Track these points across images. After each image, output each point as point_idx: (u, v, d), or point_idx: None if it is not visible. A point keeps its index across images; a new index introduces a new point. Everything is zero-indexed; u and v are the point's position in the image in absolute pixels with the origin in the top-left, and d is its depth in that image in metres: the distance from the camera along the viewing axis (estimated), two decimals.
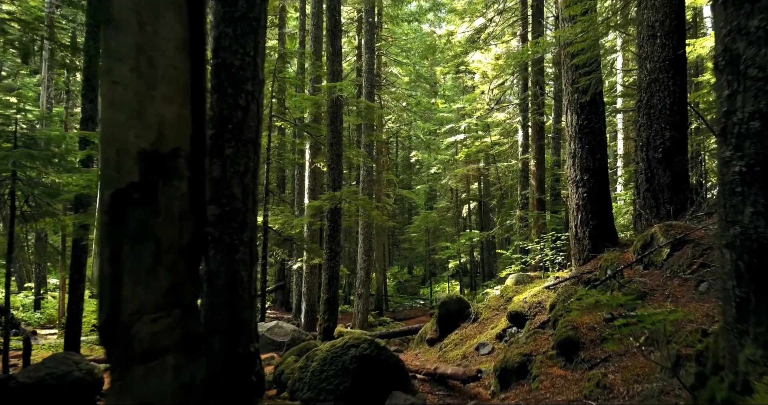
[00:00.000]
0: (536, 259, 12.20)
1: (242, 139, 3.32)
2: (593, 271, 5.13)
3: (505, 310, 6.47)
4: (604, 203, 5.61)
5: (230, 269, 3.29)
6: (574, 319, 3.64)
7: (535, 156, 14.54)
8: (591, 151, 5.57)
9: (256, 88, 3.41)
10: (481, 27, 17.56)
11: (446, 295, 6.95)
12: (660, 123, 7.79)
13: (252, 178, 3.38)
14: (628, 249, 5.35)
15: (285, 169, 22.01)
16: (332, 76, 9.78)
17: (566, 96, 5.74)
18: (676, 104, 7.67)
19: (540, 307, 5.00)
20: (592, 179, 5.56)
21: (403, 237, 32.51)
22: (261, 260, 11.67)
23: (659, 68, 7.85)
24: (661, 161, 7.67)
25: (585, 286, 4.91)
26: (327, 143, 9.89)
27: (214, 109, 3.32)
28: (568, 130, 5.76)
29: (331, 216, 9.75)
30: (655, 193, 7.71)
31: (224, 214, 3.28)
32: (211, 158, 3.32)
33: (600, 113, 5.64)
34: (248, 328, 3.40)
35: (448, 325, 6.98)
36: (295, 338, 8.72)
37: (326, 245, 9.76)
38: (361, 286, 16.00)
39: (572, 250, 5.78)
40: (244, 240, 3.32)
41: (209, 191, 3.32)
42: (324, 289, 9.66)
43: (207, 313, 3.31)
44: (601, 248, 5.45)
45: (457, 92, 30.66)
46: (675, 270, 3.90)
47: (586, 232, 5.53)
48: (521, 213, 15.33)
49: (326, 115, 10.51)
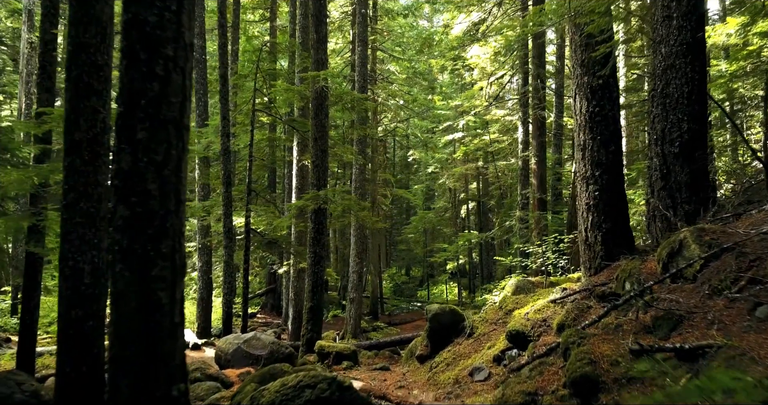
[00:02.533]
0: (537, 263, 11.45)
1: (160, 119, 2.55)
2: (608, 283, 4.36)
3: (503, 325, 5.70)
4: (618, 203, 4.84)
5: (144, 289, 2.51)
6: (592, 349, 2.88)
7: (536, 153, 13.76)
8: (603, 142, 4.81)
9: (181, 53, 2.63)
10: (480, 20, 16.81)
11: (438, 307, 6.18)
12: (677, 114, 7.01)
13: (175, 171, 2.60)
14: (647, 256, 4.58)
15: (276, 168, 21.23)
16: (317, 64, 9.01)
17: (575, 79, 4.97)
18: (694, 93, 6.90)
19: (545, 326, 4.23)
20: (605, 175, 4.79)
21: (400, 238, 31.76)
22: (243, 264, 10.92)
23: (676, 53, 7.07)
24: (678, 156, 6.90)
25: (599, 302, 4.14)
26: (311, 138, 9.12)
27: (123, 81, 2.54)
28: (576, 119, 5.00)
29: (315, 217, 8.97)
30: (671, 192, 6.94)
31: (135, 218, 2.51)
32: (119, 144, 2.54)
33: (614, 99, 4.88)
34: (170, 365, 2.62)
35: (440, 340, 6.21)
36: (273, 351, 7.94)
37: (310, 249, 8.99)
38: (354, 291, 15.22)
39: (581, 256, 5.00)
40: (162, 251, 2.55)
41: (117, 187, 2.55)
42: (307, 296, 8.89)
43: (113, 348, 2.54)
44: (616, 255, 4.69)
45: (455, 89, 29.91)
46: (715, 286, 3.13)
47: (598, 236, 4.76)
48: (521, 214, 14.56)
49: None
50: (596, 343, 2.95)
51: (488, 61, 17.47)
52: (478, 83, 18.39)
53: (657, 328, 2.91)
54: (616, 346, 2.86)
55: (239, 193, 11.67)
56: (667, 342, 2.75)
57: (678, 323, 2.87)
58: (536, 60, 13.76)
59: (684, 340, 2.68)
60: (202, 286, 13.91)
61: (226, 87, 10.21)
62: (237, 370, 7.82)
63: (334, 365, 7.11)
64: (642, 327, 2.98)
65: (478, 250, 25.72)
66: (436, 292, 30.71)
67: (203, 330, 13.73)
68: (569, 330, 3.23)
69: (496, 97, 18.33)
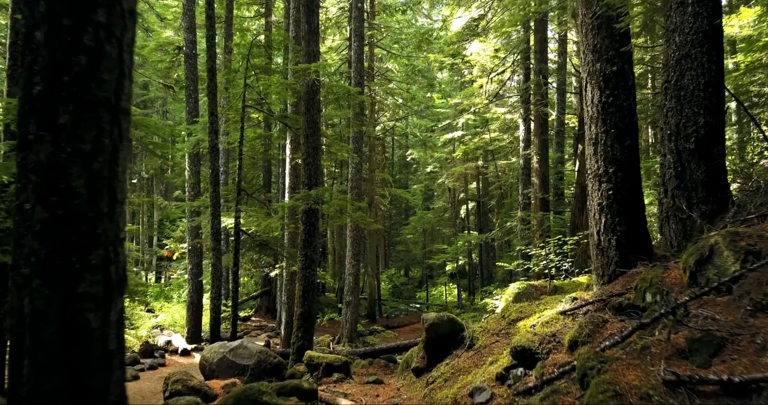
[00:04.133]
0: (540, 266, 10.98)
1: (89, 100, 2.07)
2: (624, 293, 3.88)
3: (506, 336, 5.22)
4: (634, 203, 4.37)
5: (67, 310, 2.04)
6: (616, 378, 2.41)
7: (538, 151, 13.28)
8: (618, 136, 4.34)
9: (117, 21, 2.15)
10: (479, 16, 16.33)
11: (436, 316, 5.70)
12: (692, 107, 6.53)
13: (108, 164, 2.12)
14: (668, 263, 4.10)
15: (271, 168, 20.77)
16: (308, 57, 8.53)
17: (585, 66, 4.50)
18: (711, 84, 6.42)
19: (555, 342, 3.75)
20: (620, 172, 4.32)
21: (399, 238, 31.29)
22: (233, 267, 10.44)
23: (691, 42, 6.59)
24: (694, 153, 6.42)
25: (615, 315, 3.66)
26: (302, 135, 8.64)
27: (41, 53, 2.06)
28: (587, 111, 4.52)
29: (306, 218, 8.49)
30: (686, 192, 6.46)
31: (57, 221, 2.03)
32: (36, 131, 2.07)
33: (629, 88, 4.41)
34: (102, 402, 2.14)
35: (437, 351, 5.74)
36: (260, 361, 7.45)
37: (301, 252, 8.50)
38: (350, 294, 14.74)
39: (593, 262, 4.53)
40: (91, 263, 2.07)
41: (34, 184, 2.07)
42: (298, 302, 8.40)
43: (30, 382, 2.05)
44: (633, 261, 4.21)
45: (454, 87, 29.45)
46: (758, 301, 2.65)
47: (612, 240, 4.28)
48: (522, 214, 14.08)
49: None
50: (620, 370, 2.49)
51: (488, 58, 16.99)
52: (478, 81, 17.92)
53: (694, 353, 2.44)
54: (646, 375, 2.39)
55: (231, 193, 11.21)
56: (709, 371, 2.29)
57: (720, 347, 2.41)
58: (538, 55, 13.28)
59: (731, 370, 2.22)
60: (192, 289, 13.43)
61: (214, 81, 9.74)
62: (222, 381, 7.33)
63: (323, 377, 6.64)
64: (675, 351, 2.51)
65: (478, 250, 25.25)
66: (436, 294, 30.25)
67: (193, 334, 13.26)
68: (586, 351, 2.76)
69: (497, 94, 17.85)
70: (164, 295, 20.83)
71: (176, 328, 14.28)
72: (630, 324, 3.54)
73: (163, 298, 20.01)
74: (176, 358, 12.33)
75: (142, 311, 16.17)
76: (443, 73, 29.79)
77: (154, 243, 29.70)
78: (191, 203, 10.95)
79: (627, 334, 2.73)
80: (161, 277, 26.68)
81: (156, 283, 25.19)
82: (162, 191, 30.11)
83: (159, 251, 24.98)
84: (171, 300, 18.85)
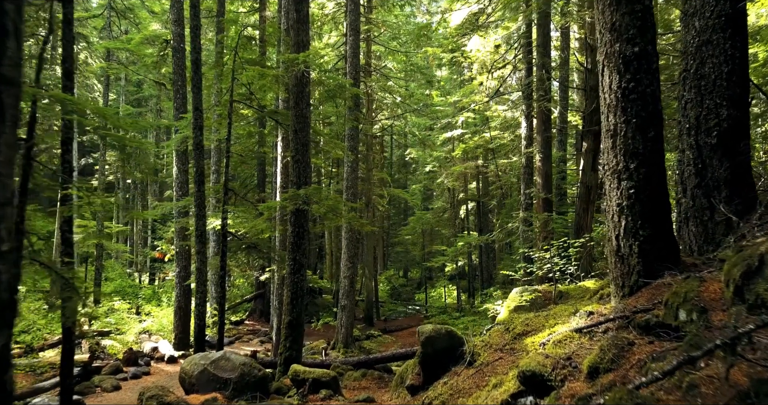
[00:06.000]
0: (544, 270, 10.42)
1: None
2: (651, 309, 3.32)
3: (511, 352, 4.66)
4: (659, 204, 3.81)
5: None
6: None
7: (541, 149, 12.71)
8: (640, 126, 3.78)
9: None
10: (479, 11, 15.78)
11: (432, 328, 5.14)
12: (714, 98, 5.99)
13: None
14: (700, 272, 3.54)
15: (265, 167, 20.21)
16: (297, 47, 7.97)
17: (602, 48, 3.94)
18: (735, 73, 5.86)
19: (571, 367, 3.20)
20: (642, 168, 3.76)
21: (397, 239, 30.74)
22: (219, 271, 9.87)
23: (712, 27, 6.04)
24: (716, 148, 5.88)
25: (642, 335, 3.11)
26: (291, 130, 8.07)
27: None
28: (604, 98, 3.96)
29: (295, 219, 7.92)
30: (708, 191, 5.91)
31: None
32: None
33: (653, 71, 3.86)
34: None
35: (434, 368, 5.18)
36: (244, 374, 6.89)
37: (289, 255, 7.94)
38: (345, 297, 14.18)
39: (611, 271, 3.97)
40: None
41: None
42: (286, 309, 7.84)
43: None
44: (658, 271, 3.65)
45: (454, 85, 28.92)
46: None
47: (634, 246, 3.72)
48: (524, 214, 13.51)
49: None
50: None
51: (488, 54, 16.43)
52: (478, 78, 17.36)
53: (761, 397, 1.90)
54: None
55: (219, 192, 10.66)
56: None
57: None
58: (541, 49, 12.73)
59: None
60: (179, 293, 12.88)
61: (198, 75, 9.18)
62: (202, 396, 6.77)
63: (310, 394, 6.09)
64: (735, 393, 1.97)
65: (478, 252, 24.71)
66: (435, 295, 29.71)
67: (181, 340, 12.71)
68: (618, 392, 2.20)
69: (497, 91, 17.28)
70: (157, 297, 20.29)
71: (164, 334, 13.72)
72: (660, 347, 2.99)
73: (156, 301, 19.45)
74: (162, 366, 11.77)
75: (129, 316, 15.63)
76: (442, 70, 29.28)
77: (148, 244, 29.17)
78: (176, 203, 10.38)
79: (670, 369, 2.18)
80: (155, 279, 26.13)
81: (150, 284, 24.64)
82: (156, 191, 29.56)
83: (150, 253, 24.42)
84: (162, 303, 18.28)
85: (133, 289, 21.84)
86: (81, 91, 28.28)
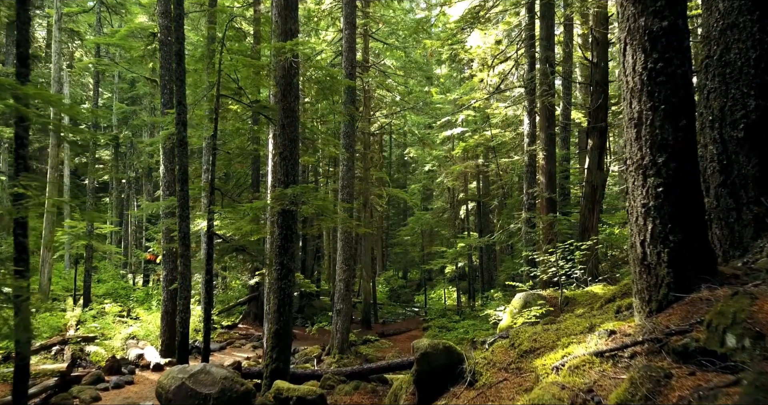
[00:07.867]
0: (549, 273, 9.88)
1: None
2: (689, 330, 2.77)
3: (517, 373, 4.12)
4: (693, 204, 3.25)
5: None
6: None
7: (545, 147, 12.16)
8: (670, 114, 3.23)
9: None
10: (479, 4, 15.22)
11: (429, 344, 4.59)
12: (740, 87, 5.44)
13: None
14: (745, 285, 2.99)
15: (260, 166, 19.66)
16: (284, 35, 7.41)
17: (624, 23, 3.39)
18: (764, 59, 5.31)
19: (594, 403, 2.65)
20: (672, 163, 3.20)
21: (396, 240, 30.17)
22: (205, 275, 9.33)
23: (738, 8, 5.50)
24: (743, 142, 5.33)
25: (679, 363, 2.56)
26: (278, 125, 7.51)
27: None
28: (626, 82, 3.41)
29: (282, 221, 7.36)
30: (734, 189, 5.37)
31: None
32: None
33: (684, 50, 3.30)
34: None
35: (430, 387, 4.62)
36: (225, 389, 6.33)
37: (276, 260, 7.38)
38: (341, 301, 13.64)
39: (635, 283, 3.41)
40: None
41: None
42: (272, 317, 7.29)
43: None
44: (693, 283, 3.10)
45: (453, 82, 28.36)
46: None
47: (663, 253, 3.17)
48: (527, 215, 12.95)
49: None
50: None
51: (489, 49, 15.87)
52: (479, 74, 16.80)
53: None
54: None
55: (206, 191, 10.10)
56: None
57: None
58: (545, 42, 12.17)
59: None
60: (166, 297, 12.33)
61: (182, 66, 8.62)
62: None
63: None
64: None
65: (478, 253, 24.13)
66: (434, 297, 29.12)
67: (168, 347, 12.15)
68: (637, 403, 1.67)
69: (498, 87, 16.72)
70: (150, 299, 19.74)
71: (151, 340, 13.16)
72: (705, 380, 2.44)
73: (148, 304, 18.90)
74: (147, 374, 11.21)
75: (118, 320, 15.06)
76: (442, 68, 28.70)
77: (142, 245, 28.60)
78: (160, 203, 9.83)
79: None
80: (149, 280, 25.57)
81: (144, 286, 24.08)
82: (150, 190, 28.99)
83: (142, 254, 23.86)
84: (152, 307, 17.72)
85: (126, 291, 21.30)
86: (75, 90, 27.72)
